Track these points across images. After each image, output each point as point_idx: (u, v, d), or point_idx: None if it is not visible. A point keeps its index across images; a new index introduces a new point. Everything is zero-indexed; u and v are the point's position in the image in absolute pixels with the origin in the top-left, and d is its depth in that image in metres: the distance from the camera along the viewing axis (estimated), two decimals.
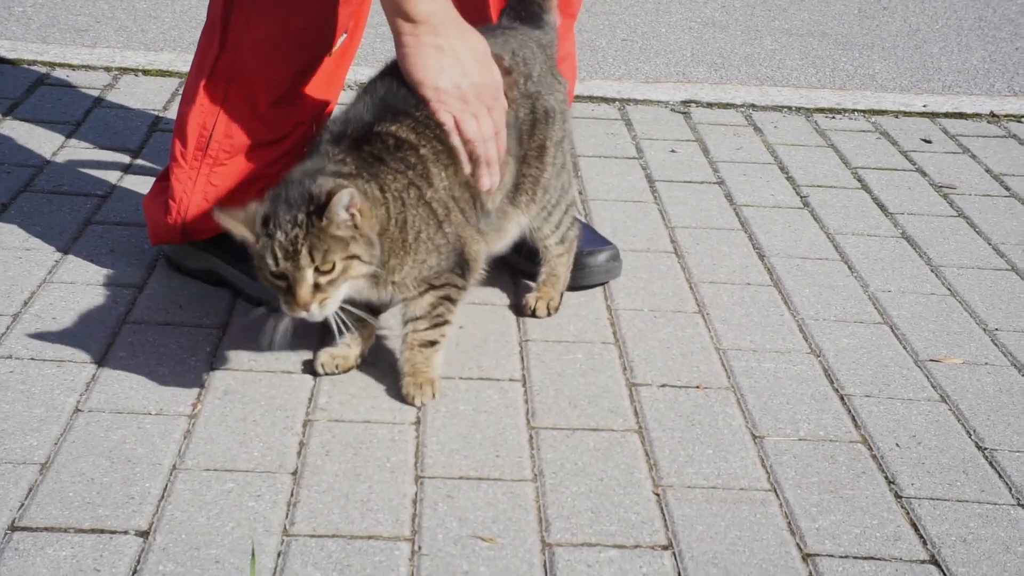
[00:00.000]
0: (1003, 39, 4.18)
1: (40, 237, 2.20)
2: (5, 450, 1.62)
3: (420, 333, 1.81)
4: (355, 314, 1.75)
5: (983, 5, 4.62)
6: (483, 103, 1.81)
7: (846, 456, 1.73)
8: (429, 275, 1.77)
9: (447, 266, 1.78)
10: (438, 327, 1.81)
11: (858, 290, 2.22)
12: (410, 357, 1.82)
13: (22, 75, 3.00)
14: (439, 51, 1.78)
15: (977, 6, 4.61)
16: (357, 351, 1.88)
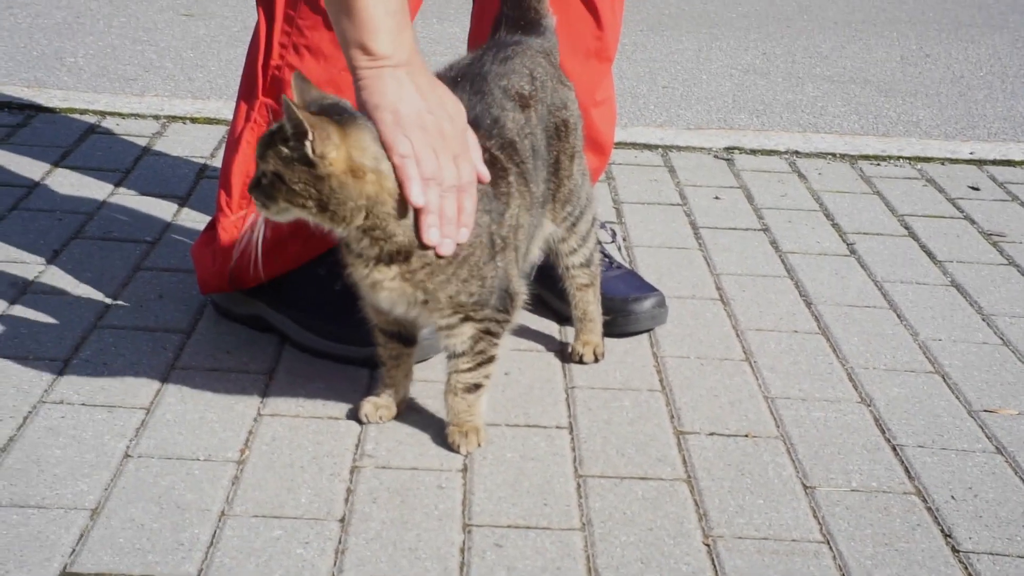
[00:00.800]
0: None
1: (90, 283, 2.22)
2: (57, 495, 1.63)
3: (463, 375, 1.79)
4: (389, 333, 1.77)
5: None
6: (448, 145, 1.65)
7: (900, 508, 1.71)
8: (468, 302, 1.73)
9: (488, 299, 1.75)
10: (482, 366, 1.79)
11: (908, 339, 2.20)
12: (453, 404, 1.81)
13: (74, 124, 3.04)
14: (399, 83, 1.65)
15: (1021, 53, 4.60)
16: (399, 398, 1.88)
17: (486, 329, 1.77)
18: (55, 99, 3.20)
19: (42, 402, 1.84)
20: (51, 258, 2.31)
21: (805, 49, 4.51)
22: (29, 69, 3.66)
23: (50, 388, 1.88)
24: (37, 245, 2.36)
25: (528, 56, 1.94)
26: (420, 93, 1.65)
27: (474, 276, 1.72)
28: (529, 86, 1.88)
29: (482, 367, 1.79)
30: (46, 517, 1.58)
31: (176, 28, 4.24)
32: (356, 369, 2.00)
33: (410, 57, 1.67)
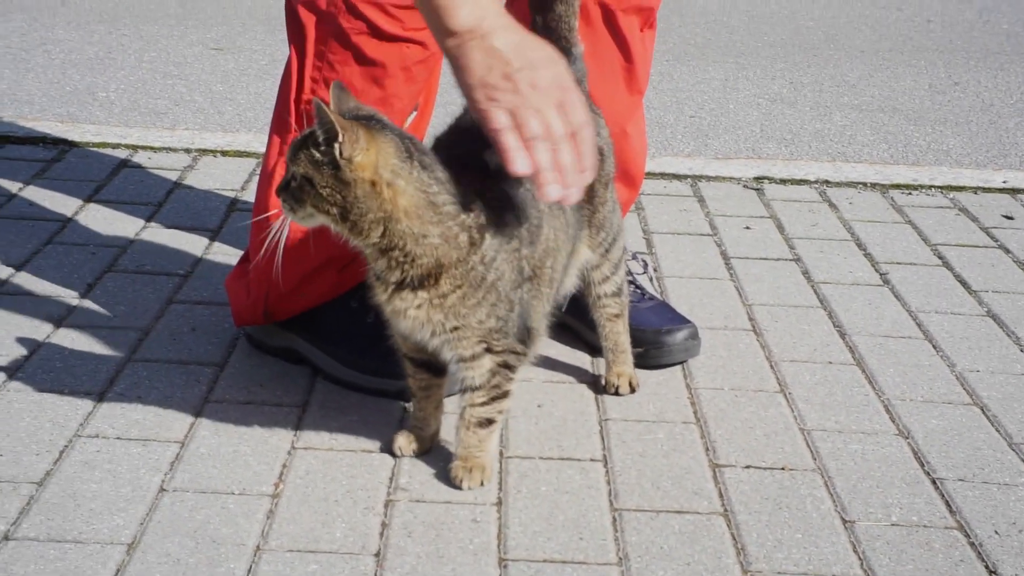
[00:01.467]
0: None
1: (124, 316, 2.23)
2: (94, 530, 1.63)
3: (477, 408, 1.77)
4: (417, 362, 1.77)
5: None
6: (548, 96, 1.58)
7: (942, 543, 1.68)
8: (494, 327, 1.72)
9: (511, 328, 1.74)
10: (496, 400, 1.78)
11: (944, 370, 2.18)
12: (464, 438, 1.78)
13: (106, 158, 3.06)
14: (484, 52, 1.59)
15: None
16: (431, 431, 1.87)
17: (504, 362, 1.76)
18: (88, 134, 3.22)
19: (78, 436, 1.85)
20: (85, 292, 2.32)
21: (832, 78, 4.51)
22: (62, 104, 3.69)
23: (85, 422, 1.88)
24: (71, 279, 2.37)
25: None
26: (507, 55, 1.58)
27: (502, 300, 1.72)
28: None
29: (496, 402, 1.78)
30: (83, 552, 1.58)
31: (206, 62, 4.27)
32: (389, 402, 1.99)
33: (493, 21, 1.60)
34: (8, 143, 3.13)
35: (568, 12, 1.97)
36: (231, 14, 4.96)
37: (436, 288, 1.69)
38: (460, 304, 1.70)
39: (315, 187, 1.63)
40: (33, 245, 2.52)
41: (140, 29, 4.63)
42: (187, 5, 5.05)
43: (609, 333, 2.05)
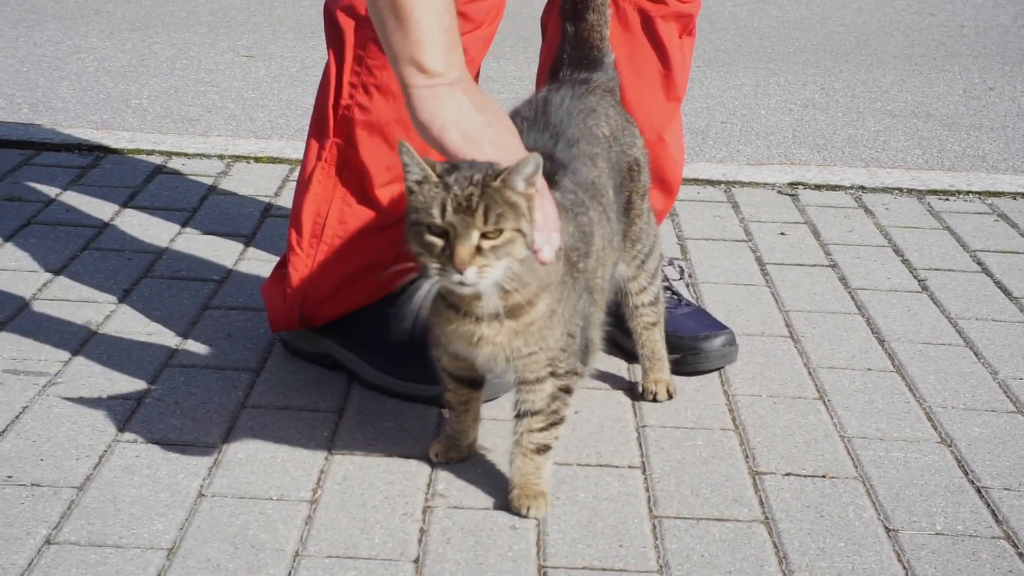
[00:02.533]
0: None
1: (160, 322, 2.23)
2: (134, 535, 1.63)
3: (536, 435, 1.74)
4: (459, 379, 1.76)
5: None
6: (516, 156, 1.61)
7: (989, 553, 1.66)
8: (560, 352, 1.70)
9: (576, 345, 1.73)
10: (554, 426, 1.75)
11: (987, 377, 2.15)
12: (521, 466, 1.74)
13: (141, 164, 3.07)
14: (457, 101, 1.62)
15: None
16: (468, 440, 1.85)
17: (565, 387, 1.74)
18: (123, 140, 3.24)
19: (117, 441, 1.85)
20: (122, 297, 2.33)
21: (864, 84, 4.48)
22: (97, 112, 3.71)
23: (124, 427, 1.89)
24: (108, 285, 2.38)
25: (598, 95, 1.93)
26: (478, 109, 1.64)
27: (576, 314, 1.71)
28: (606, 126, 1.88)
29: (554, 427, 1.75)
30: (124, 557, 1.58)
31: (237, 69, 4.28)
32: (425, 408, 1.99)
33: (462, 74, 1.65)
34: (45, 150, 3.14)
35: (600, 21, 1.96)
36: (262, 21, 4.97)
37: (529, 314, 1.65)
38: (546, 327, 1.67)
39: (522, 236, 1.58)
40: (70, 251, 2.53)
41: (172, 37, 4.65)
42: (218, 13, 5.07)
43: (646, 341, 2.04)
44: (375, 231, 2.04)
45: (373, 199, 2.03)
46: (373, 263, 2.06)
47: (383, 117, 1.99)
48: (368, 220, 2.04)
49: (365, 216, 2.03)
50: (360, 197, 2.03)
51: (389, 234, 2.04)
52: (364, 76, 1.97)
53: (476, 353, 1.69)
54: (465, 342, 1.67)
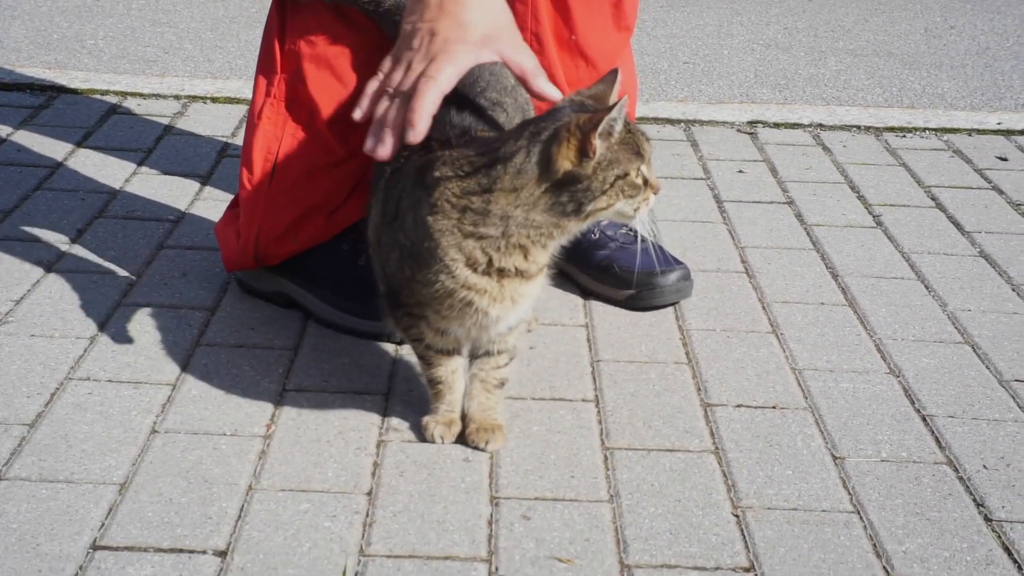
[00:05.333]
0: None
1: (115, 262, 2.22)
2: (86, 470, 1.63)
3: (502, 370, 1.74)
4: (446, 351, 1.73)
5: None
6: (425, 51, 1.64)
7: (931, 478, 1.69)
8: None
9: None
10: (513, 359, 1.76)
11: (936, 310, 2.18)
12: (484, 401, 1.75)
13: (95, 105, 3.04)
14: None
15: None
16: (459, 411, 1.79)
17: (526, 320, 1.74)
18: (76, 80, 3.20)
19: (68, 379, 1.85)
20: (75, 237, 2.31)
21: (827, 23, 4.47)
22: (50, 52, 3.66)
23: (76, 365, 1.88)
24: (61, 225, 2.36)
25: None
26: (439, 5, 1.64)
27: None
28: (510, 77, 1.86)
29: (513, 361, 1.76)
30: (75, 492, 1.59)
31: (195, 10, 4.23)
32: (381, 344, 1.99)
33: None
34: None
35: None
36: None
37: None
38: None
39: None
40: (22, 191, 2.50)
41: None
42: None
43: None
44: (327, 168, 2.03)
45: (324, 135, 2.01)
46: (325, 199, 2.05)
47: (330, 50, 1.98)
48: (319, 156, 2.02)
49: (316, 153, 2.02)
50: (311, 133, 2.01)
51: (341, 171, 2.03)
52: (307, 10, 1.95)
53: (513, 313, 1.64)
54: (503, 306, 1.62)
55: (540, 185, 1.54)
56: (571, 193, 1.54)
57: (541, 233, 1.57)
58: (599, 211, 1.56)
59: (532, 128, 1.57)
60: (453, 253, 1.59)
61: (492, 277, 1.60)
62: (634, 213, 1.58)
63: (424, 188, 1.61)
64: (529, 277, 1.63)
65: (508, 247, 1.58)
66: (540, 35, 2.11)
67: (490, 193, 1.56)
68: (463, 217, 1.58)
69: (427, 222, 1.59)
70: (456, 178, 1.58)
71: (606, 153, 1.53)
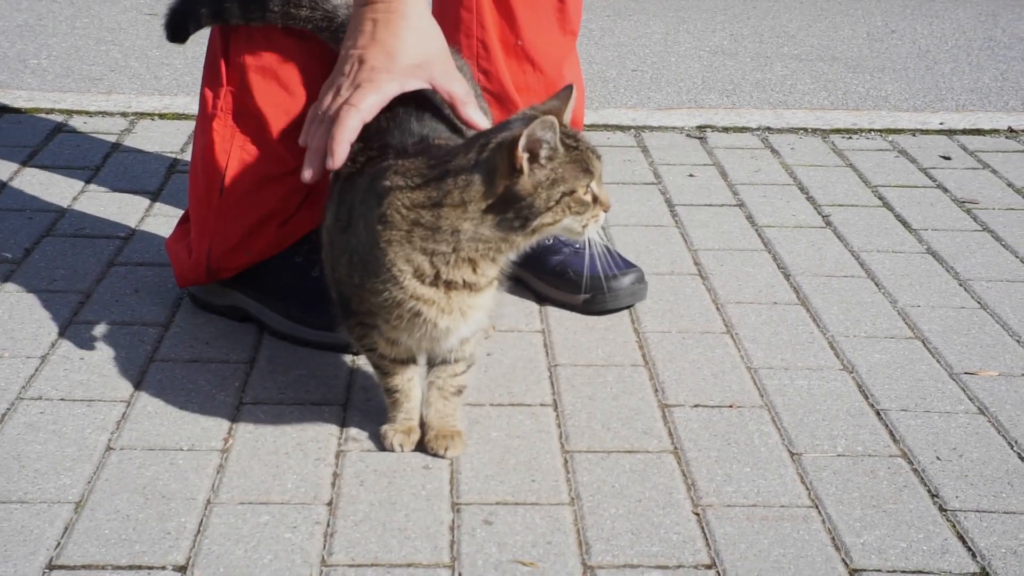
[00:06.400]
0: (1014, 58, 4.18)
1: (64, 280, 2.20)
2: (40, 490, 1.61)
3: (459, 378, 1.74)
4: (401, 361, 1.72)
5: (991, 25, 4.63)
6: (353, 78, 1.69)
7: (886, 471, 1.71)
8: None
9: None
10: (471, 367, 1.76)
11: (887, 306, 2.20)
12: (442, 408, 1.74)
13: (40, 124, 3.01)
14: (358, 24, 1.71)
15: (985, 27, 4.62)
16: (418, 418, 1.78)
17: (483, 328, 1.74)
18: (20, 99, 3.17)
19: (20, 399, 1.82)
20: (23, 256, 2.28)
21: (772, 29, 4.52)
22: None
23: (28, 384, 1.86)
24: (8, 244, 2.33)
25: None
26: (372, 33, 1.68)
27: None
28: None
29: (471, 368, 1.76)
30: (29, 511, 1.56)
31: (140, 27, 4.20)
32: (337, 356, 1.98)
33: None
34: None
35: None
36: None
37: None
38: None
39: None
40: None
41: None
42: None
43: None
44: (277, 178, 2.02)
45: (273, 146, 2.00)
46: (276, 211, 2.04)
47: (276, 61, 1.97)
48: (269, 167, 2.01)
49: (265, 163, 2.01)
50: (259, 144, 2.00)
51: (291, 181, 2.01)
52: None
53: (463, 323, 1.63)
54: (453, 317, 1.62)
55: (486, 200, 1.54)
56: (516, 209, 1.54)
57: (490, 248, 1.57)
58: (545, 227, 1.56)
59: (481, 141, 1.57)
60: (401, 264, 1.59)
61: (440, 288, 1.60)
62: (582, 230, 1.58)
63: (376, 196, 1.61)
64: (478, 290, 1.63)
65: (457, 260, 1.58)
66: (486, 41, 2.12)
67: (440, 207, 1.56)
68: (413, 230, 1.57)
69: (376, 231, 1.59)
70: (407, 188, 1.58)
71: (549, 172, 1.53)
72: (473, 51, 2.13)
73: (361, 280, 1.64)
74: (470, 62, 2.13)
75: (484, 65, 2.14)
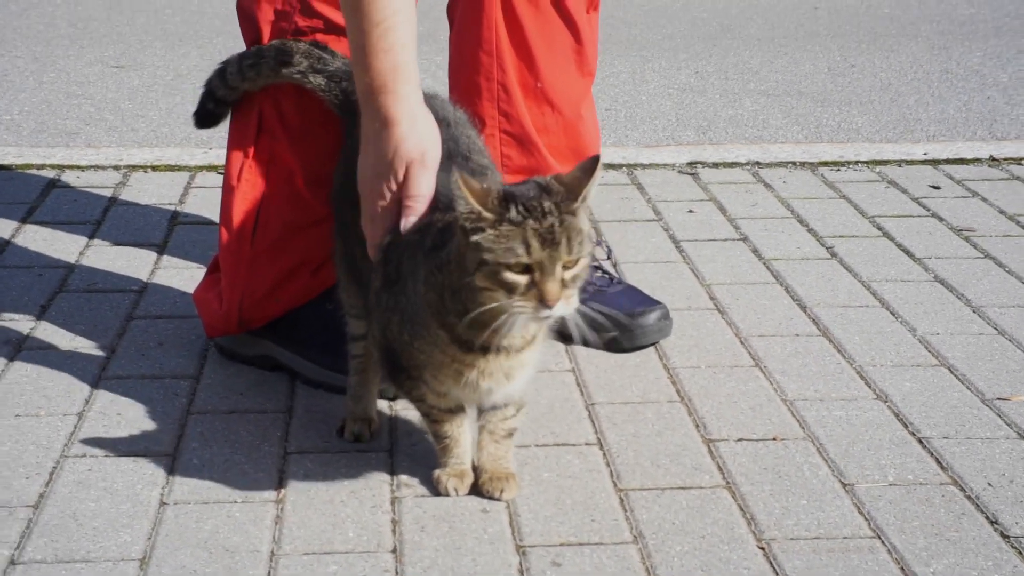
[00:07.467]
0: (973, 89, 4.28)
1: (85, 335, 2.17)
2: (101, 548, 1.58)
3: (510, 421, 1.74)
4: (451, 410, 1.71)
5: (945, 58, 4.74)
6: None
7: (941, 499, 1.73)
8: None
9: None
10: (522, 410, 1.75)
11: (907, 335, 2.24)
12: (494, 451, 1.73)
13: (32, 179, 2.97)
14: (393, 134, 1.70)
15: (940, 59, 4.73)
16: (469, 462, 1.77)
17: None
18: (9, 156, 3.12)
19: (65, 456, 1.79)
20: (39, 314, 2.25)
21: (735, 66, 4.59)
22: None
23: (70, 442, 1.83)
24: (22, 302, 2.29)
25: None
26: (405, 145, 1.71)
27: None
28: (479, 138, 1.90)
29: (522, 411, 1.75)
30: (95, 570, 1.54)
31: (109, 80, 4.17)
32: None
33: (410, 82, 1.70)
34: None
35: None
36: (126, 31, 4.85)
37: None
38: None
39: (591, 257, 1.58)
40: None
41: (33, 50, 4.50)
42: (77, 24, 4.93)
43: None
44: (307, 227, 2.02)
45: (303, 195, 2.00)
46: (307, 260, 2.04)
47: (305, 111, 1.97)
48: (299, 217, 2.01)
49: (296, 213, 2.01)
50: (289, 194, 2.00)
51: (321, 230, 2.02)
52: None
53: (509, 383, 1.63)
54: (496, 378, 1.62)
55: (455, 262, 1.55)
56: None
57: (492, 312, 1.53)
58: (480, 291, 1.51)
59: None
60: (435, 328, 1.59)
61: (477, 353, 1.60)
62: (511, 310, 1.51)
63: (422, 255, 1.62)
64: (515, 351, 1.62)
65: (474, 323, 1.55)
66: (506, 84, 2.14)
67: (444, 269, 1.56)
68: (443, 293, 1.58)
69: (419, 292, 1.60)
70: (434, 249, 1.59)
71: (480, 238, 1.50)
72: (494, 94, 2.15)
73: (410, 339, 1.64)
74: (490, 105, 2.15)
75: (504, 108, 2.15)
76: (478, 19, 2.11)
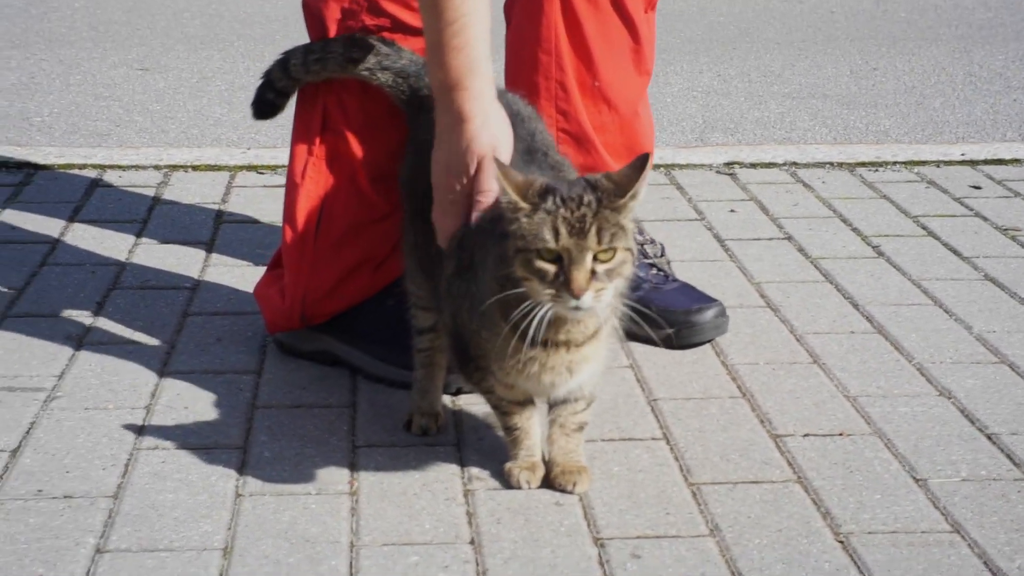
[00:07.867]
0: (999, 92, 4.30)
1: (144, 331, 2.17)
2: (184, 538, 1.58)
3: (580, 415, 1.74)
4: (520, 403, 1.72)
5: (968, 62, 4.75)
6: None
7: (1018, 495, 1.73)
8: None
9: None
10: (591, 404, 1.75)
11: (963, 332, 2.24)
12: (564, 445, 1.73)
13: (75, 179, 2.97)
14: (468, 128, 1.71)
15: (963, 62, 4.74)
16: (539, 454, 1.77)
17: None
18: (51, 156, 3.12)
19: (138, 448, 1.79)
20: (96, 310, 2.25)
21: (757, 69, 4.60)
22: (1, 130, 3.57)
23: (141, 435, 1.83)
24: (78, 298, 2.30)
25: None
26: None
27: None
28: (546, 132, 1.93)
29: (591, 404, 1.75)
30: (180, 559, 1.54)
31: (135, 83, 4.17)
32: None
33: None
34: None
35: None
36: (147, 35, 4.85)
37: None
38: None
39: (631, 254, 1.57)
40: (28, 268, 2.43)
41: (57, 53, 4.50)
42: (99, 28, 4.93)
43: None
44: (370, 224, 2.02)
45: (366, 192, 2.01)
46: (369, 256, 2.04)
47: (368, 107, 1.98)
48: (362, 214, 2.02)
49: (360, 209, 2.02)
50: (353, 191, 2.01)
51: (384, 226, 2.02)
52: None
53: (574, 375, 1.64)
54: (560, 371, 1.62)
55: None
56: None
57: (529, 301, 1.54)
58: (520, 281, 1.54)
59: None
60: (499, 318, 1.60)
61: (538, 347, 1.60)
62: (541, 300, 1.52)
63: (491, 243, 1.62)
64: (576, 346, 1.62)
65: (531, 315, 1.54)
66: (564, 83, 2.14)
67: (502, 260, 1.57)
68: (505, 284, 1.58)
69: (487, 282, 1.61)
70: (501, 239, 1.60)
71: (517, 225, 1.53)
72: (552, 93, 2.15)
73: (478, 327, 1.64)
74: (548, 103, 2.15)
75: (563, 106, 2.16)
76: (537, 18, 2.11)
